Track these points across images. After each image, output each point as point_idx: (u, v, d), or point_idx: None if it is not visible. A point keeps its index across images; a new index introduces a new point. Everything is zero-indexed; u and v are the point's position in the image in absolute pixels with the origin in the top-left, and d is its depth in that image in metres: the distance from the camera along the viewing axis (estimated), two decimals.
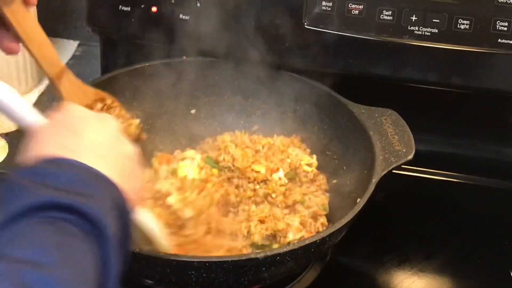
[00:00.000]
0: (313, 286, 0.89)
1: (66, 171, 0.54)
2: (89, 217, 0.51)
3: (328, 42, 1.00)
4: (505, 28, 0.96)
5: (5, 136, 0.85)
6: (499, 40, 0.96)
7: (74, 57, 1.35)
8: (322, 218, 0.93)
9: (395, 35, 0.98)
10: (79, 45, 1.38)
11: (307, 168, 0.99)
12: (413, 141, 0.90)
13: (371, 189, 0.82)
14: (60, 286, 0.46)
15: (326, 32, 1.00)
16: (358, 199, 0.81)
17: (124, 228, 0.56)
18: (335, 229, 0.77)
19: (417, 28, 0.98)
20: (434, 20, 0.97)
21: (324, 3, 0.99)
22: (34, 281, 0.45)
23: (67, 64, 1.30)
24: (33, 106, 0.66)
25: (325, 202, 0.95)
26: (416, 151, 0.88)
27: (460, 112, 1.13)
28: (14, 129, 0.86)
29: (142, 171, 0.70)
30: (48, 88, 1.23)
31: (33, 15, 0.89)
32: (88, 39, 1.36)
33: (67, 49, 1.37)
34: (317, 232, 0.90)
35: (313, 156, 1.01)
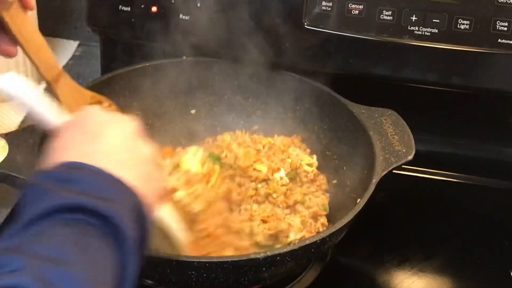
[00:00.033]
0: (313, 286, 0.89)
1: (87, 176, 0.56)
2: (110, 220, 0.53)
3: (328, 42, 1.00)
4: (505, 28, 0.96)
5: (5, 136, 0.85)
6: (499, 40, 0.96)
7: (74, 57, 1.35)
8: (322, 218, 0.93)
9: (395, 35, 0.98)
10: (79, 45, 1.38)
11: (308, 168, 0.99)
12: (413, 141, 0.90)
13: (371, 189, 0.82)
14: (79, 284, 0.47)
15: (326, 32, 1.00)
16: (358, 199, 0.81)
17: (142, 232, 0.58)
18: (336, 229, 0.77)
19: (417, 28, 0.98)
20: (434, 20, 0.97)
21: (324, 3, 0.99)
22: (54, 277, 0.46)
23: (67, 64, 1.31)
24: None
25: (325, 202, 0.95)
26: (416, 151, 0.88)
27: (460, 112, 1.13)
28: (14, 129, 0.86)
29: (160, 172, 0.71)
30: (48, 88, 1.23)
31: (33, 18, 0.88)
32: (88, 39, 1.36)
33: (67, 49, 1.36)
34: (318, 232, 0.90)
35: (313, 156, 1.01)
